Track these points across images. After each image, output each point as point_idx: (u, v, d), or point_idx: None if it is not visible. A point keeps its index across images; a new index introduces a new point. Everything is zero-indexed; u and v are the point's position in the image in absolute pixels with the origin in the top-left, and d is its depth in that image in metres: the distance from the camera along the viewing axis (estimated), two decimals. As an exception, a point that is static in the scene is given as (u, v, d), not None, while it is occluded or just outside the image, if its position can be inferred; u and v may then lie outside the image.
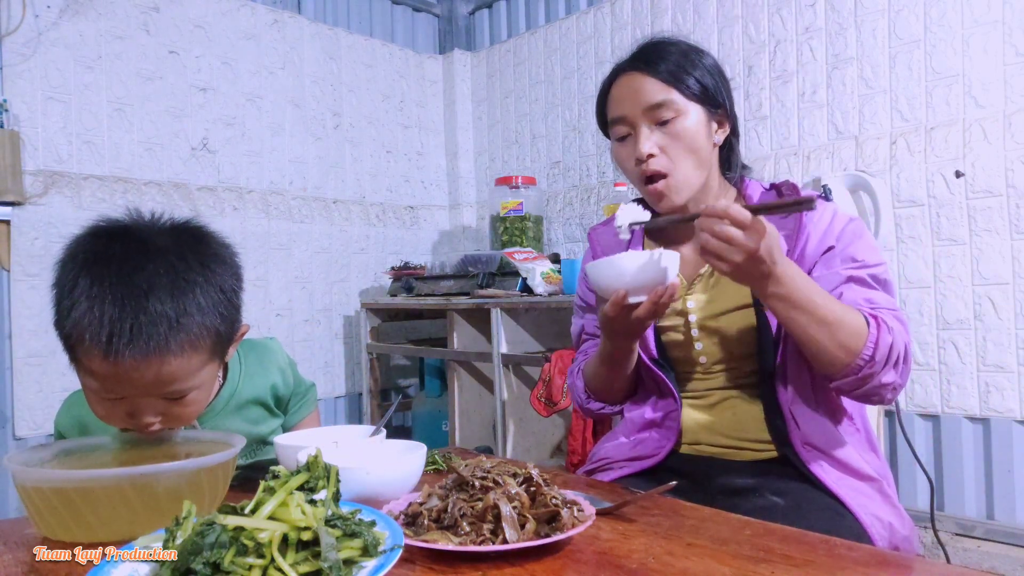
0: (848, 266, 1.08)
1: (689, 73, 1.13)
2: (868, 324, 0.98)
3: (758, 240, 0.89)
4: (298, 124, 3.05)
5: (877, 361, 0.97)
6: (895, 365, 0.99)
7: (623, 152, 1.18)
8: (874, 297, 1.05)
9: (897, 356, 0.98)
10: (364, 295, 3.25)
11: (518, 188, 2.98)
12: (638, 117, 1.13)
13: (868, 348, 0.97)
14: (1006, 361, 1.96)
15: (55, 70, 2.38)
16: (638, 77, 1.14)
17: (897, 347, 0.98)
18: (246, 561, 0.55)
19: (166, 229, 0.90)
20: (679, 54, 1.14)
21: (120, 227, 0.89)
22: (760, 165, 2.43)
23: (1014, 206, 1.94)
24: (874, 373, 0.98)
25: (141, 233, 0.88)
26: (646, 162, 1.12)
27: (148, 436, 0.91)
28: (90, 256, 0.84)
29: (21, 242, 2.31)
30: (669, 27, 2.69)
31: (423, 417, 3.13)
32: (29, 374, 2.32)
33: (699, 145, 1.13)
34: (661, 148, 1.12)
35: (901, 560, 0.73)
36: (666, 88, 1.11)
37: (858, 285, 1.06)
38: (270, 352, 1.17)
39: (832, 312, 0.96)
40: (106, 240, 0.86)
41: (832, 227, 1.11)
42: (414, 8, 3.60)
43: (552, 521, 0.72)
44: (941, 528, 2.01)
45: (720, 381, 1.16)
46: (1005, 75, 1.95)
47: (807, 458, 1.07)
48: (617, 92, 1.17)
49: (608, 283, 1.00)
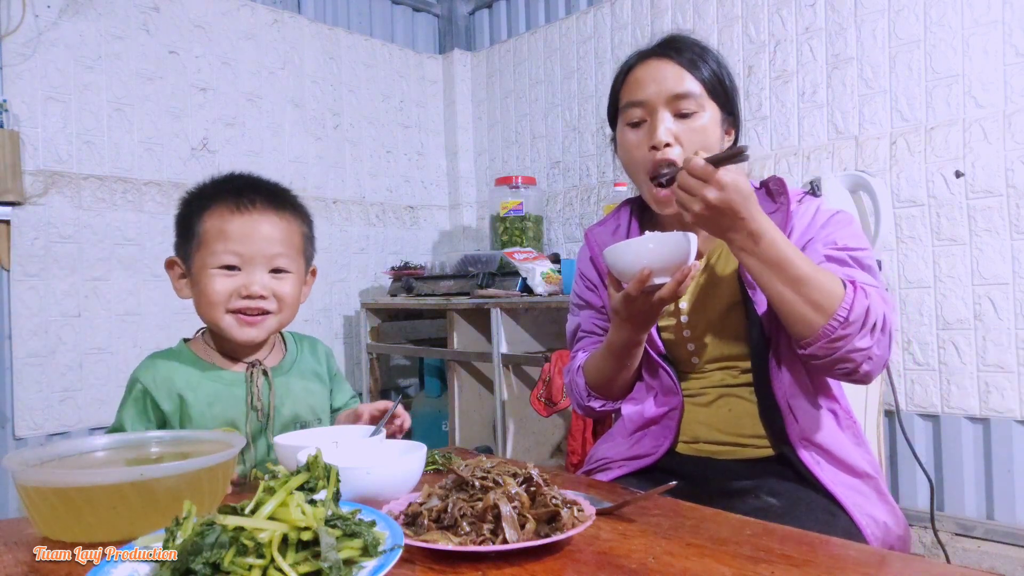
0: (829, 248, 1.06)
1: (715, 71, 1.13)
2: (844, 287, 0.96)
3: (716, 192, 0.92)
4: (298, 124, 3.05)
5: (852, 323, 0.94)
6: (872, 330, 0.96)
7: (634, 138, 1.14)
8: (854, 274, 1.02)
9: (874, 322, 0.96)
10: (364, 295, 3.26)
11: (518, 188, 2.98)
12: (660, 103, 1.11)
13: (843, 309, 0.94)
14: (1006, 361, 1.96)
15: (55, 70, 2.39)
16: (667, 64, 1.12)
17: (875, 312, 0.96)
18: (246, 561, 0.55)
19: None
20: (707, 51, 1.14)
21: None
22: (760, 165, 2.43)
23: (1014, 206, 1.94)
24: (848, 335, 0.95)
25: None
26: (662, 150, 1.10)
27: (250, 325, 1.10)
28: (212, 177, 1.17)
29: (21, 242, 2.31)
30: (669, 27, 2.69)
31: (423, 417, 3.13)
32: (29, 374, 2.32)
33: (711, 145, 1.12)
34: (677, 140, 1.10)
35: (901, 560, 0.73)
36: (691, 78, 1.11)
37: (838, 265, 1.04)
38: (316, 339, 1.34)
39: (805, 271, 0.95)
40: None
41: (815, 220, 1.11)
42: (414, 8, 3.60)
43: (552, 521, 0.72)
44: (941, 528, 2.01)
45: (715, 379, 1.16)
46: (1005, 75, 1.95)
47: (804, 455, 1.07)
48: (641, 74, 1.14)
49: (631, 265, 0.99)
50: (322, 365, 1.27)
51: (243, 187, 1.13)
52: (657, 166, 1.11)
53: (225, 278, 1.09)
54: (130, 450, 0.93)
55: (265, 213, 1.11)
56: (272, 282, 1.11)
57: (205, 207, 1.11)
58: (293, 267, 1.14)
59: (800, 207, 1.13)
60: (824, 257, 1.05)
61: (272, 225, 1.11)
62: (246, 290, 1.08)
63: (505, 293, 2.54)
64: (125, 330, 2.52)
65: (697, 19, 2.61)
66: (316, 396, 1.24)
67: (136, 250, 2.54)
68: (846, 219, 1.11)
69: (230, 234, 1.08)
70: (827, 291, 0.95)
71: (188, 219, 1.13)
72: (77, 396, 2.41)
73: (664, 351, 1.19)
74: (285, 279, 1.13)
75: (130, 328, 2.53)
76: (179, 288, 1.15)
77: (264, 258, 1.10)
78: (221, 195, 1.11)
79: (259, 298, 1.09)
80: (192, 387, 1.10)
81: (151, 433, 0.96)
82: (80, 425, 2.41)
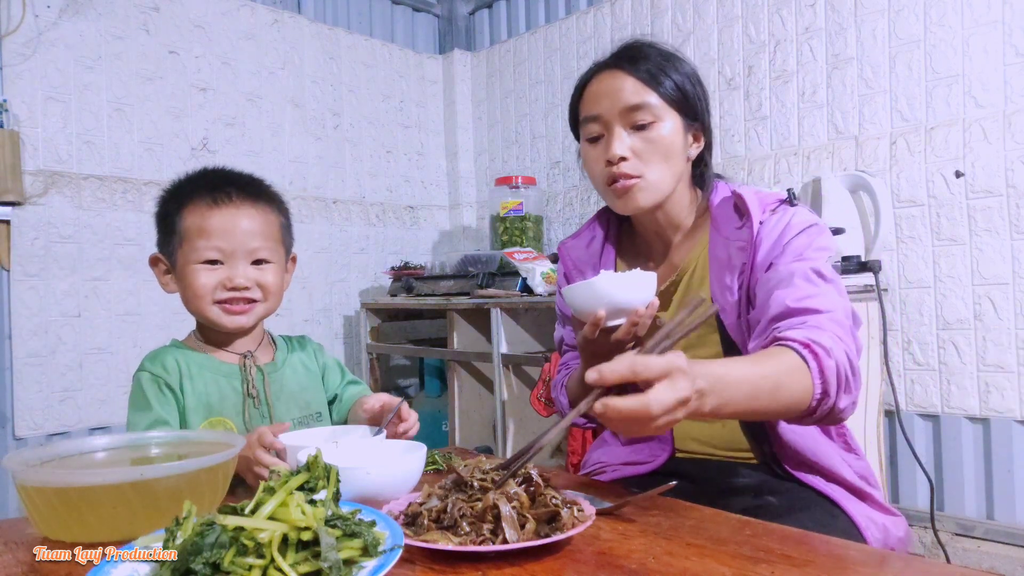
0: (792, 261, 1.02)
1: (669, 76, 1.09)
2: (806, 360, 0.89)
3: (656, 423, 0.74)
4: (298, 124, 3.05)
5: (830, 394, 0.90)
6: (847, 388, 0.93)
7: (593, 153, 1.13)
8: (808, 296, 0.97)
9: (843, 377, 0.92)
10: (364, 295, 3.25)
11: (518, 188, 2.98)
12: (614, 118, 1.09)
13: (817, 387, 0.89)
14: (1006, 361, 1.96)
15: (55, 70, 2.38)
16: (619, 75, 1.10)
17: (843, 368, 0.91)
18: (246, 561, 0.55)
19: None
20: (661, 56, 1.11)
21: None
22: (760, 165, 2.43)
23: (1014, 206, 1.94)
24: (830, 405, 0.91)
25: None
26: (616, 165, 1.08)
27: (237, 314, 1.14)
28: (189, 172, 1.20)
29: (21, 242, 2.31)
30: (669, 27, 2.69)
31: (423, 417, 3.09)
32: (29, 374, 2.32)
33: (673, 154, 1.10)
34: (634, 152, 1.09)
35: (901, 560, 0.73)
36: (646, 90, 1.08)
37: (800, 280, 0.99)
38: (305, 337, 1.36)
39: (772, 381, 0.87)
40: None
41: (783, 235, 1.05)
42: (414, 8, 3.60)
43: (552, 521, 0.72)
44: (941, 528, 2.01)
45: None
46: (1005, 75, 1.95)
47: (795, 471, 1.07)
48: (595, 89, 1.13)
49: (586, 306, 0.96)
50: (312, 359, 1.29)
51: (218, 182, 1.15)
52: (613, 179, 1.10)
53: (209, 272, 1.12)
54: (130, 450, 0.93)
55: (242, 206, 1.14)
56: (255, 273, 1.15)
57: (183, 204, 1.14)
58: (274, 257, 1.18)
59: (771, 219, 1.07)
60: (783, 275, 1.01)
61: (250, 218, 1.14)
62: (230, 283, 1.12)
63: (505, 293, 2.54)
64: (125, 330, 2.52)
65: (697, 19, 2.61)
66: (311, 392, 1.25)
67: (136, 250, 2.54)
68: (816, 230, 1.06)
69: (210, 230, 1.11)
70: (797, 382, 0.89)
71: (167, 217, 1.15)
72: (77, 396, 2.41)
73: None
74: (267, 269, 1.16)
75: (130, 328, 2.53)
76: (165, 283, 1.18)
77: (246, 252, 1.13)
78: (197, 191, 1.14)
79: (243, 289, 1.13)
80: (190, 375, 1.14)
81: (151, 433, 0.96)
82: (80, 425, 2.41)
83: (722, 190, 1.17)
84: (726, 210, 1.13)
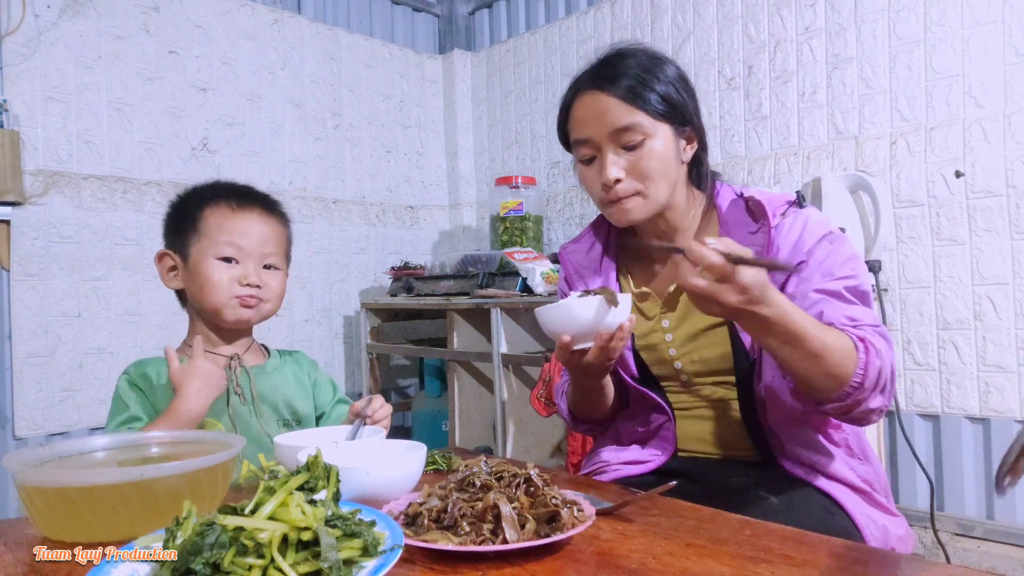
0: (825, 280, 1.02)
1: (653, 89, 1.06)
2: (857, 348, 0.94)
3: (738, 295, 0.85)
4: (298, 124, 3.05)
5: (866, 388, 0.93)
6: (882, 390, 0.96)
7: (589, 174, 1.12)
8: (854, 313, 1.00)
9: (884, 381, 0.95)
10: (364, 295, 3.25)
11: (518, 188, 2.98)
12: (603, 141, 1.08)
13: (858, 375, 0.92)
14: (1006, 361, 1.96)
15: (55, 70, 2.38)
16: (601, 97, 1.07)
17: (885, 372, 0.95)
18: (246, 561, 0.55)
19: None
20: (641, 68, 1.08)
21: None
22: (760, 165, 2.43)
23: (1014, 206, 1.94)
24: (862, 399, 0.94)
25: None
26: (613, 187, 1.08)
27: (246, 305, 1.20)
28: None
29: (21, 242, 2.31)
30: (669, 27, 2.69)
31: (423, 417, 3.13)
32: (29, 374, 2.32)
33: (668, 166, 1.09)
34: (628, 172, 1.08)
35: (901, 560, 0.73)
36: (631, 110, 1.06)
37: (837, 300, 1.01)
38: (301, 352, 1.42)
39: (821, 342, 0.91)
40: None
41: (803, 240, 1.05)
42: (414, 8, 3.60)
43: (552, 521, 0.72)
44: (941, 528, 2.01)
45: (706, 393, 1.16)
46: (1005, 75, 1.95)
47: (797, 471, 1.07)
48: (580, 112, 1.11)
49: (556, 329, 0.98)
50: (303, 373, 1.34)
51: (241, 192, 1.27)
52: (610, 199, 1.10)
53: (225, 268, 1.20)
54: (130, 450, 0.93)
55: (261, 215, 1.25)
56: (265, 275, 1.24)
57: (207, 203, 1.23)
58: (281, 265, 1.28)
59: (784, 222, 1.07)
60: (822, 294, 1.01)
61: (267, 227, 1.25)
62: (245, 279, 1.20)
63: (505, 293, 2.54)
64: (125, 330, 2.52)
65: (697, 19, 2.61)
66: (298, 401, 1.29)
67: (136, 250, 2.54)
68: (838, 240, 1.06)
69: (231, 229, 1.20)
70: (842, 360, 0.93)
71: (187, 214, 1.23)
72: (77, 396, 2.41)
73: (639, 374, 1.18)
74: (275, 275, 1.26)
75: (130, 328, 2.53)
76: (168, 279, 1.25)
77: (259, 255, 1.23)
78: (222, 195, 1.24)
79: (256, 287, 1.22)
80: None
81: (151, 433, 0.96)
82: (80, 425, 2.41)
83: (727, 192, 1.16)
84: (737, 213, 1.12)
